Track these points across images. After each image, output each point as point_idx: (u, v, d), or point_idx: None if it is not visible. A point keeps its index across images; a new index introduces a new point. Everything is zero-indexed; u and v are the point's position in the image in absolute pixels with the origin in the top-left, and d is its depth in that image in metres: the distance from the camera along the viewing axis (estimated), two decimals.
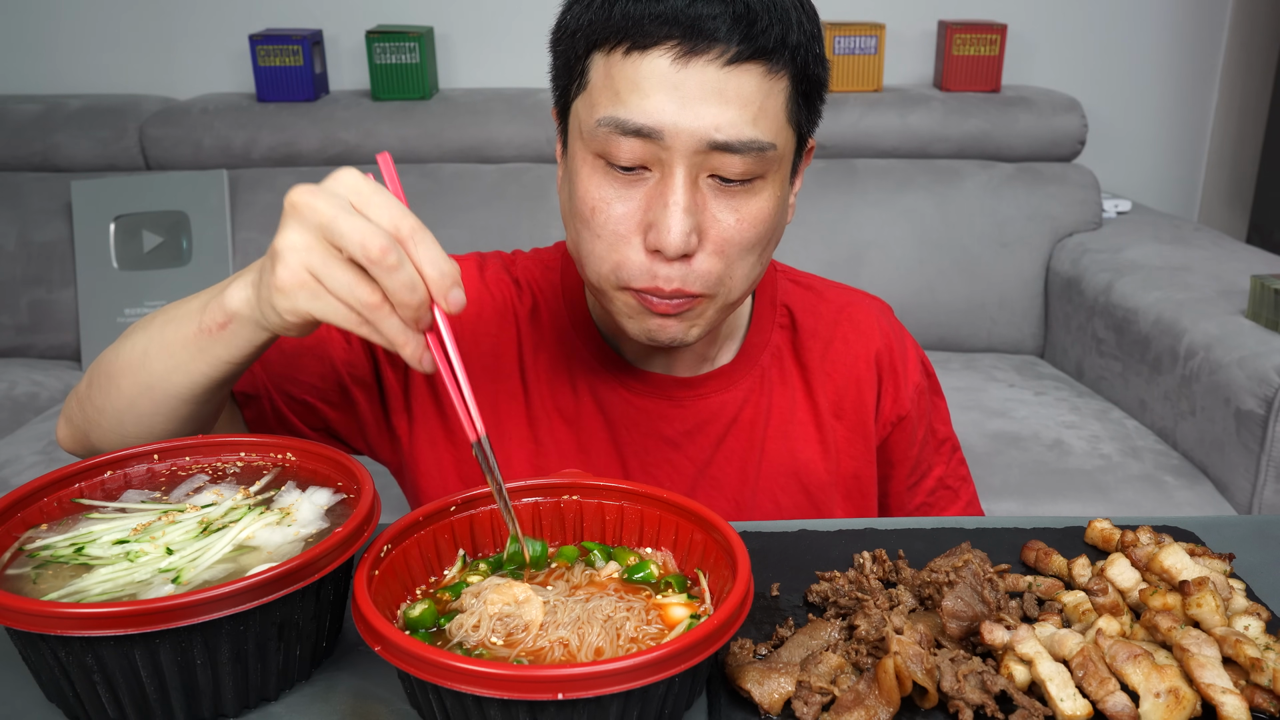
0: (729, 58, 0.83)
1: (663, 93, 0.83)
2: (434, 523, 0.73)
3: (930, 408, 1.13)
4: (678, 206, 0.84)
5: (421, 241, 0.69)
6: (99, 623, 0.59)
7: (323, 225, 0.68)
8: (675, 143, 0.84)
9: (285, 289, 0.70)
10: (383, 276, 0.67)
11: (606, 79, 0.86)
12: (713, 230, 0.87)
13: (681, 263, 0.87)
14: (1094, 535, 0.85)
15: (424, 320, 0.70)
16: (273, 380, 0.98)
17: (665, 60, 0.83)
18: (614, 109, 0.85)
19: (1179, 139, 3.04)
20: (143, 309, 2.44)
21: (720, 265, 0.88)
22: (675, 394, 1.04)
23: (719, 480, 1.04)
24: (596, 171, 0.88)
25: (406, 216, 0.69)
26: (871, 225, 2.52)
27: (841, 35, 2.64)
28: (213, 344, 0.80)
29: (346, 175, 0.70)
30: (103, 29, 2.79)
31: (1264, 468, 1.80)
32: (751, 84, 0.84)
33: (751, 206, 0.88)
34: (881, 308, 1.14)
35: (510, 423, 1.04)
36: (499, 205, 2.49)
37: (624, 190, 0.87)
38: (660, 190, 0.86)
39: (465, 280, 1.04)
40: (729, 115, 0.83)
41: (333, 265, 0.69)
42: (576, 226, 0.91)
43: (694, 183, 0.86)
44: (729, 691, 0.67)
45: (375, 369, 1.02)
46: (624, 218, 0.87)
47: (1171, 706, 0.62)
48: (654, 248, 0.86)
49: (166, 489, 0.77)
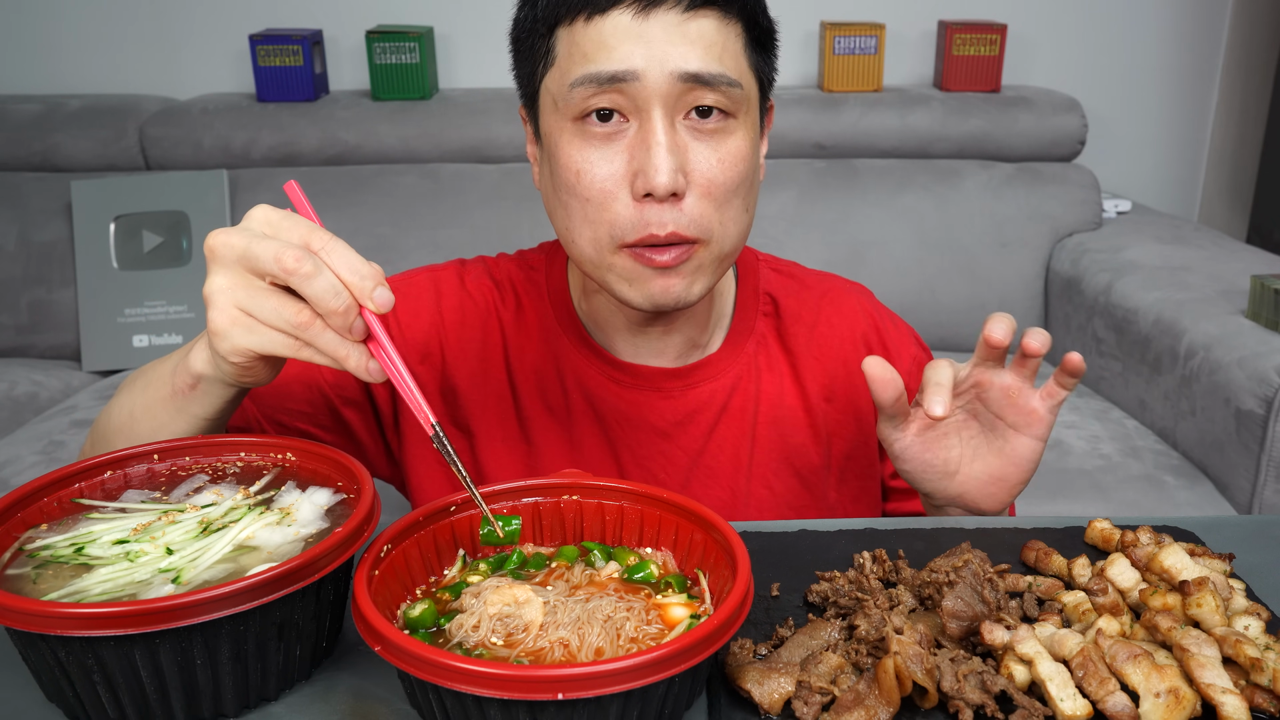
0: (685, 5, 0.88)
1: (629, 42, 0.88)
2: (434, 523, 0.73)
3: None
4: (660, 146, 0.88)
5: (335, 250, 0.71)
6: (99, 623, 0.59)
7: (240, 257, 0.71)
8: (648, 81, 0.87)
9: (220, 331, 0.73)
10: (303, 286, 0.70)
11: (573, 46, 0.90)
12: (696, 172, 0.90)
13: (672, 205, 0.90)
14: (1094, 535, 0.85)
15: (356, 327, 0.71)
16: (263, 412, 1.00)
17: (625, 17, 0.88)
18: (584, 67, 0.88)
19: (1179, 139, 3.04)
20: (143, 309, 2.45)
21: (710, 208, 0.91)
22: (664, 385, 1.05)
23: (713, 469, 1.05)
24: (576, 137, 0.91)
25: (317, 231, 0.72)
26: (871, 225, 2.52)
27: (841, 35, 2.64)
28: (188, 404, 0.83)
29: (257, 210, 0.74)
30: (103, 29, 2.79)
31: (1264, 468, 1.80)
32: (710, 27, 0.89)
33: (729, 145, 0.91)
34: (861, 290, 1.16)
35: (501, 424, 1.05)
36: (499, 205, 2.49)
37: (605, 148, 0.90)
38: (641, 136, 0.89)
39: (445, 287, 1.07)
40: (696, 52, 0.88)
41: (258, 296, 0.72)
42: (563, 199, 0.93)
43: (672, 125, 0.89)
44: (729, 691, 0.67)
45: (365, 387, 1.03)
46: (609, 175, 0.90)
47: (1171, 706, 0.62)
48: (643, 192, 0.89)
49: (166, 489, 0.77)
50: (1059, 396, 0.92)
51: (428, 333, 1.05)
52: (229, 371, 0.77)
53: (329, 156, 2.57)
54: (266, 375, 0.80)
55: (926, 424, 0.94)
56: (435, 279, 1.08)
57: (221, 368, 0.77)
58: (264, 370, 0.78)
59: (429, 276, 1.08)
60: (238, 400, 0.84)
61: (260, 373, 0.78)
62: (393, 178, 2.53)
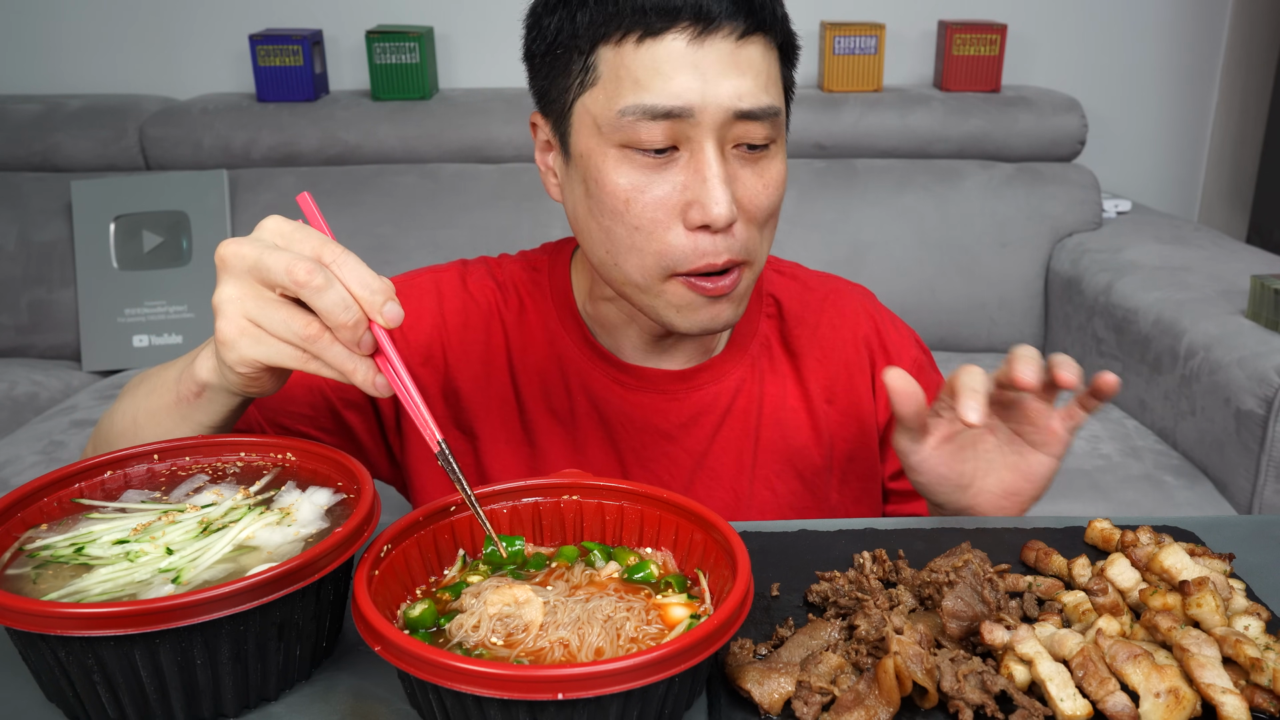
0: (739, 34, 0.87)
1: (685, 73, 0.86)
2: (434, 523, 0.73)
3: (931, 385, 1.14)
4: (717, 178, 0.87)
5: (346, 264, 0.71)
6: (99, 623, 0.59)
7: (251, 268, 0.71)
8: (704, 117, 0.86)
9: (228, 341, 0.73)
10: (314, 299, 0.69)
11: (621, 69, 0.87)
12: (745, 199, 0.90)
13: (725, 234, 0.90)
14: (1094, 535, 0.85)
15: (365, 342, 0.71)
16: (265, 415, 1.00)
17: (681, 42, 0.86)
18: (637, 96, 0.86)
19: (1179, 139, 3.04)
20: (143, 309, 2.45)
21: (755, 232, 0.92)
22: (668, 388, 1.04)
23: (716, 471, 1.05)
24: (623, 162, 0.89)
25: (329, 244, 0.71)
26: (871, 225, 2.52)
27: (841, 35, 2.64)
28: (192, 411, 0.83)
29: (269, 221, 0.74)
30: (103, 29, 2.79)
31: (1264, 468, 1.80)
32: (758, 54, 0.89)
33: (772, 170, 0.92)
34: (864, 292, 1.16)
35: (504, 426, 1.05)
36: (499, 205, 2.49)
37: (655, 175, 0.89)
38: (695, 166, 0.88)
39: (447, 289, 1.06)
40: (747, 85, 0.87)
41: (268, 307, 0.72)
42: (606, 224, 0.91)
43: (723, 155, 0.89)
44: (729, 691, 0.67)
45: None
46: (660, 202, 0.89)
47: (1171, 706, 0.62)
48: (699, 224, 0.88)
49: (166, 489, 0.77)
50: (1080, 419, 0.90)
51: (430, 335, 1.04)
52: (235, 381, 0.77)
53: (329, 156, 2.57)
54: (272, 386, 0.79)
55: (945, 436, 0.92)
56: (437, 280, 1.07)
57: (227, 377, 0.77)
58: (270, 381, 0.78)
59: (431, 278, 1.08)
60: (242, 409, 0.84)
61: (266, 383, 0.78)
62: (393, 178, 2.53)
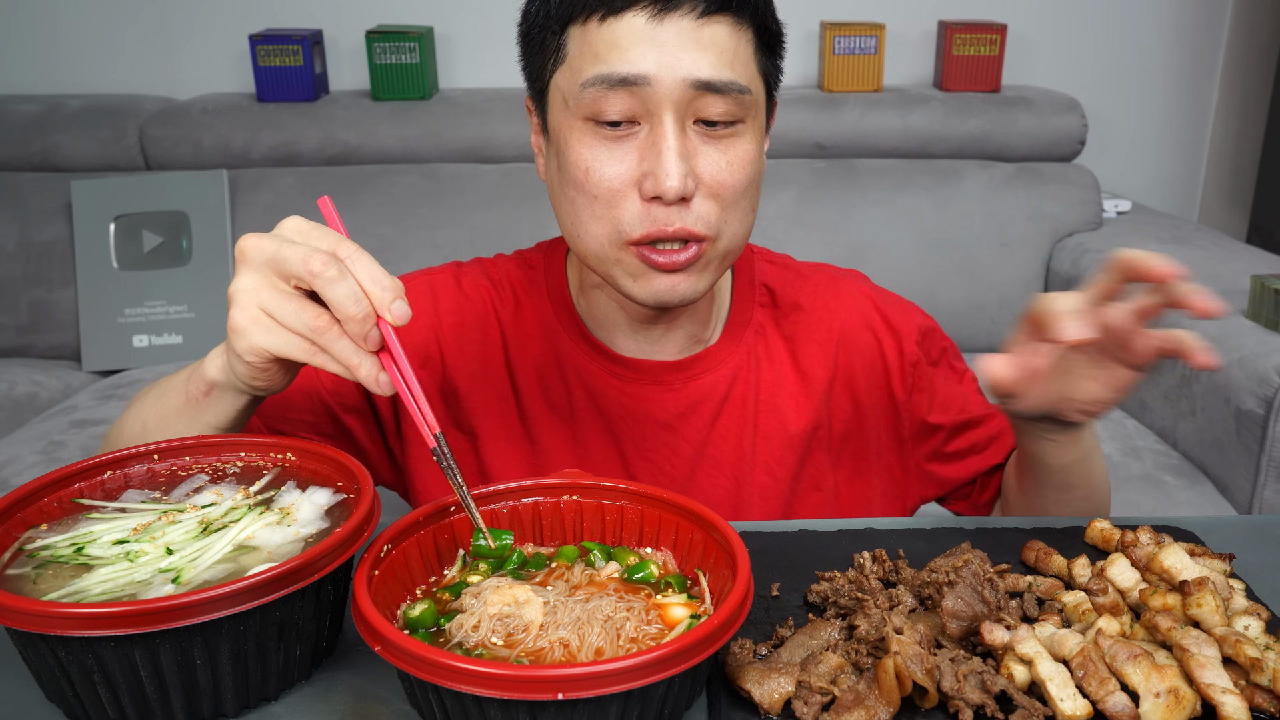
0: (699, 11, 0.88)
1: (642, 45, 0.88)
2: (434, 523, 0.73)
3: (946, 365, 1.16)
4: (671, 150, 0.89)
5: (360, 260, 0.74)
6: (99, 623, 0.59)
7: (269, 260, 0.74)
8: (660, 87, 0.88)
9: (240, 329, 0.76)
10: (326, 289, 0.72)
11: (585, 46, 0.90)
12: (705, 175, 0.91)
13: (680, 206, 0.90)
14: (1094, 535, 0.85)
15: (372, 337, 0.73)
16: (265, 421, 1.01)
17: (640, 19, 0.88)
18: (597, 67, 0.89)
19: (1179, 139, 3.04)
20: (143, 309, 2.44)
21: (717, 208, 0.92)
22: (666, 379, 1.05)
23: (717, 459, 1.06)
24: (586, 134, 0.92)
25: (345, 242, 0.75)
26: (871, 225, 2.51)
27: (841, 35, 2.64)
28: (201, 412, 0.85)
29: (289, 220, 0.77)
30: (103, 29, 2.79)
31: (1264, 468, 1.80)
32: (722, 33, 0.90)
33: (737, 149, 0.92)
34: (858, 275, 1.17)
35: (504, 424, 1.05)
36: (499, 205, 2.49)
37: (615, 148, 0.91)
38: (652, 139, 0.90)
39: (441, 290, 1.07)
40: (708, 59, 0.89)
41: (280, 298, 0.74)
42: (570, 195, 0.94)
43: (682, 129, 0.90)
44: (729, 691, 0.67)
45: (366, 393, 1.03)
46: (619, 175, 0.91)
47: (1171, 706, 0.62)
48: (652, 195, 0.90)
49: (166, 489, 0.77)
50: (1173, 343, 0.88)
51: (425, 336, 1.05)
52: (243, 373, 0.79)
53: (329, 156, 2.57)
54: (280, 382, 0.81)
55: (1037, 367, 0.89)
56: (431, 282, 1.08)
57: (236, 369, 0.79)
58: (278, 375, 0.80)
59: (424, 280, 1.08)
60: (250, 410, 0.86)
61: (274, 378, 0.80)
62: (393, 178, 2.53)
